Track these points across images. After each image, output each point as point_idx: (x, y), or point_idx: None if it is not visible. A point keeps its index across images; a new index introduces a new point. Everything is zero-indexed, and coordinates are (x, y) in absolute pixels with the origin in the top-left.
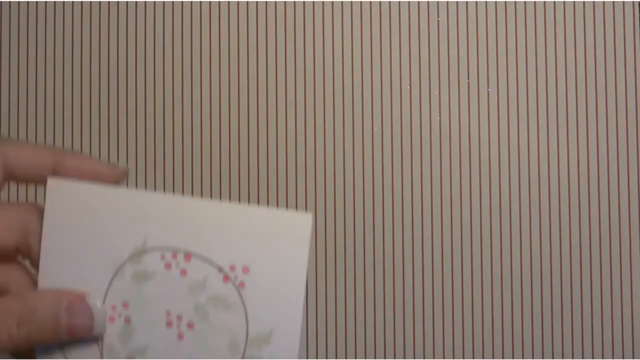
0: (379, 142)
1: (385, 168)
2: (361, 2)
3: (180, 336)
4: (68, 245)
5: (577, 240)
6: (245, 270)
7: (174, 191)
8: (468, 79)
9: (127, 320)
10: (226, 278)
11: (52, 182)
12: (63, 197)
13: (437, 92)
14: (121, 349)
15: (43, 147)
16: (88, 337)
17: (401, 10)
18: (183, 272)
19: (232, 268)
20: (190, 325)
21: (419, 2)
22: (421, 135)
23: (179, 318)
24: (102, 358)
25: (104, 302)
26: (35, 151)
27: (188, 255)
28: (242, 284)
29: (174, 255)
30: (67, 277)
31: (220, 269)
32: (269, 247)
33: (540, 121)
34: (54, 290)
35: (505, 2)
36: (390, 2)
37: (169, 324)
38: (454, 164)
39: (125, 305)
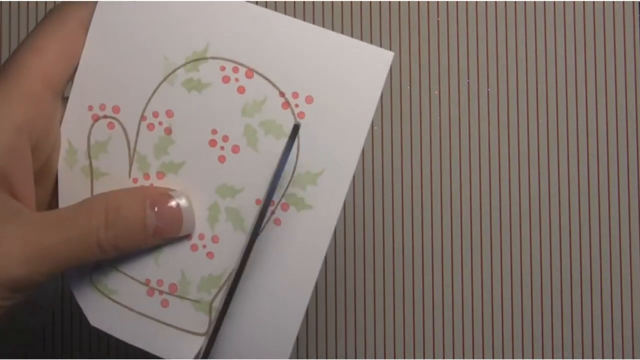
0: (379, 142)
1: (385, 168)
2: (361, 2)
3: (221, 158)
4: (115, 42)
5: (577, 239)
6: (309, 100)
7: None
8: (468, 79)
9: (168, 131)
10: (286, 104)
11: None
12: None
13: (437, 92)
14: (154, 160)
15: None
16: (175, 237)
17: (401, 10)
18: (241, 90)
19: (295, 95)
20: (235, 149)
21: (419, 2)
22: (421, 135)
23: (225, 138)
24: (131, 166)
25: (146, 106)
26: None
27: (250, 72)
28: (301, 114)
29: (235, 69)
30: (110, 77)
31: (282, 94)
32: (340, 79)
33: (540, 121)
34: (136, 188)
35: (505, 2)
36: (390, 2)
37: (212, 142)
38: (454, 164)
39: (170, 113)
